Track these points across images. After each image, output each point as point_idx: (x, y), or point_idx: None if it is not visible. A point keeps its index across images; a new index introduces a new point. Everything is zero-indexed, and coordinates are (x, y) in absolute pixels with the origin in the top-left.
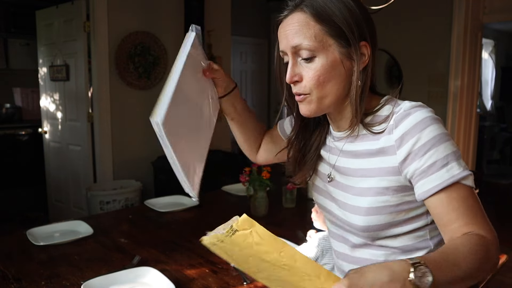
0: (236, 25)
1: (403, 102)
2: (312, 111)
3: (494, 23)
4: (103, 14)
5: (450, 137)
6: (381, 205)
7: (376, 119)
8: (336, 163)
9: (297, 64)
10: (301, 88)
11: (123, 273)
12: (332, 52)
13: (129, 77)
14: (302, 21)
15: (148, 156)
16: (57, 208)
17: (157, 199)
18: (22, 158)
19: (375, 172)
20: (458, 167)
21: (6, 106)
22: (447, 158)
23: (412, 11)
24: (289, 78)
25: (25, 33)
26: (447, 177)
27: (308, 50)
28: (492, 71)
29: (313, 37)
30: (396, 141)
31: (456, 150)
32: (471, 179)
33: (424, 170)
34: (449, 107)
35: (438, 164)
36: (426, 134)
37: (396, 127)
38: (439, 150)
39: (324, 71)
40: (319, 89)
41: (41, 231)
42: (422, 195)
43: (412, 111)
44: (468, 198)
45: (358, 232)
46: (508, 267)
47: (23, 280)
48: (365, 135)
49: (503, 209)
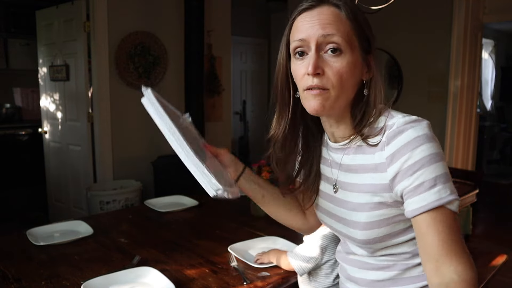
0: (236, 25)
1: (397, 115)
2: (326, 107)
3: (494, 23)
4: (103, 14)
5: (442, 157)
6: (379, 219)
7: (372, 131)
8: (337, 177)
9: (320, 57)
10: (323, 82)
11: (123, 273)
12: (356, 53)
13: (129, 77)
14: (336, 15)
15: (148, 156)
16: (57, 208)
17: (157, 199)
18: (22, 158)
19: (368, 188)
20: (445, 190)
21: (6, 106)
22: (436, 180)
23: (412, 11)
24: (313, 69)
25: (25, 33)
26: (434, 199)
27: (338, 43)
28: (492, 71)
29: (345, 33)
30: (387, 159)
31: (445, 172)
32: (456, 205)
33: (411, 189)
34: (449, 107)
35: (426, 185)
36: (416, 153)
37: (388, 144)
38: (428, 171)
39: (347, 69)
40: (339, 86)
41: (41, 231)
42: (409, 213)
43: (405, 128)
44: (452, 225)
45: (360, 245)
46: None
47: (23, 280)
48: (360, 148)
49: (503, 209)
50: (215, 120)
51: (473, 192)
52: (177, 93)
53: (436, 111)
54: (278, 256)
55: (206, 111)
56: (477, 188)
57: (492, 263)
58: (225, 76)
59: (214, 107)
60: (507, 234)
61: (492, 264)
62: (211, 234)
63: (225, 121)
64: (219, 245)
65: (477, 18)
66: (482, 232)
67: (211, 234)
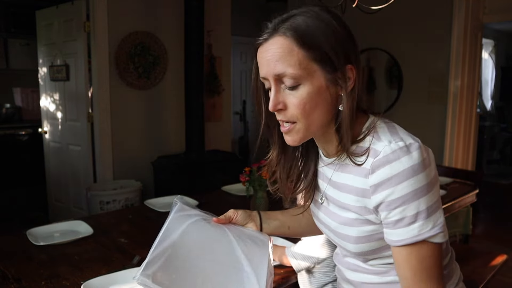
0: (236, 25)
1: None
2: (298, 140)
3: (494, 23)
4: (103, 14)
5: (430, 187)
6: (369, 234)
7: (358, 150)
8: (325, 190)
9: (280, 91)
10: (287, 116)
11: (123, 273)
12: (317, 78)
13: (129, 77)
14: (285, 47)
15: (148, 156)
16: (57, 208)
17: (157, 199)
18: (22, 158)
19: (356, 209)
20: (426, 225)
21: (6, 106)
22: (417, 216)
23: (412, 11)
24: (273, 106)
25: (25, 33)
26: (411, 235)
27: (292, 78)
28: (492, 71)
29: (297, 64)
30: (371, 187)
31: (429, 206)
32: (439, 237)
33: (391, 222)
34: (449, 107)
35: (406, 221)
36: (400, 189)
37: (373, 173)
38: (410, 207)
39: (309, 99)
40: (305, 117)
41: (41, 231)
42: (388, 241)
43: (390, 159)
44: (430, 258)
45: (354, 256)
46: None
47: (23, 280)
48: (347, 166)
49: (503, 209)
50: (215, 120)
51: (473, 192)
52: (177, 93)
53: (436, 111)
54: (280, 253)
55: (206, 111)
56: (477, 188)
57: (492, 263)
58: (225, 76)
59: (214, 107)
60: (507, 234)
61: (492, 264)
62: None
63: (225, 121)
64: None
65: (477, 18)
66: (482, 232)
67: None
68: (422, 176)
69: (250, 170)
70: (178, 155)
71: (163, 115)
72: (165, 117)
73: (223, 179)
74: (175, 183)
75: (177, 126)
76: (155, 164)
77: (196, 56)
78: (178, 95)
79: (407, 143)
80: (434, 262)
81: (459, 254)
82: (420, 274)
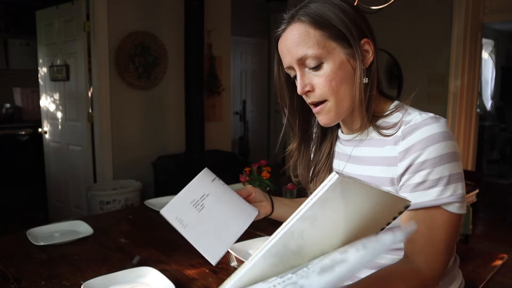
0: (236, 25)
1: (414, 111)
2: (332, 119)
3: (494, 23)
4: (103, 14)
5: (454, 157)
6: None
7: (385, 124)
8: (344, 168)
9: (305, 74)
10: (316, 97)
11: (123, 273)
12: (337, 55)
13: (129, 77)
14: (301, 31)
15: (148, 156)
16: (57, 208)
17: (157, 199)
18: (22, 158)
19: (375, 180)
20: (445, 192)
21: (6, 106)
22: (438, 180)
23: (412, 11)
24: (301, 89)
25: (25, 33)
26: (429, 199)
27: (314, 58)
28: (492, 71)
29: (316, 45)
30: (400, 153)
31: (453, 174)
32: (455, 206)
33: (411, 185)
34: (449, 107)
35: (426, 185)
36: (428, 152)
37: (403, 139)
38: (434, 172)
39: (334, 75)
40: (334, 93)
41: (41, 231)
42: None
43: (421, 125)
44: (440, 227)
45: None
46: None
47: (23, 280)
48: (371, 140)
49: (503, 209)
50: (215, 120)
51: (473, 192)
52: (177, 93)
53: (436, 111)
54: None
55: (206, 111)
56: (477, 188)
57: (492, 263)
58: (225, 76)
59: (214, 107)
60: (507, 234)
61: (492, 264)
62: None
63: (225, 121)
64: None
65: (477, 18)
66: (482, 232)
67: None
68: (450, 144)
69: (250, 170)
70: (178, 155)
71: (163, 115)
72: (165, 117)
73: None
74: (175, 183)
75: (177, 126)
76: (155, 164)
77: (196, 56)
78: (178, 95)
79: (437, 116)
80: (444, 232)
81: (459, 254)
82: (427, 241)
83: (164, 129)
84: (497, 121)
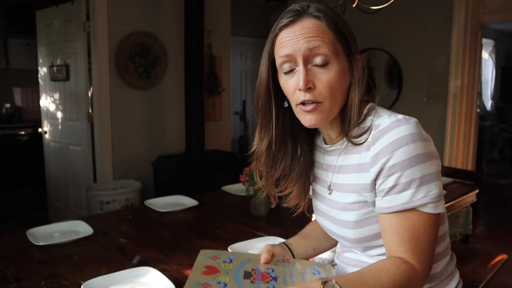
0: (236, 25)
1: (384, 114)
2: (319, 120)
3: (494, 23)
4: (103, 14)
5: (426, 157)
6: (366, 217)
7: (359, 131)
8: (332, 180)
9: (309, 71)
10: (315, 95)
11: (123, 273)
12: (342, 59)
13: (129, 77)
14: (318, 27)
15: (148, 156)
16: (57, 208)
17: (157, 199)
18: (22, 158)
19: (355, 188)
20: (418, 194)
21: (6, 106)
22: (410, 183)
23: (412, 11)
24: (304, 84)
25: (25, 33)
26: (401, 202)
27: (324, 55)
28: (492, 71)
29: (330, 43)
30: (371, 159)
31: (424, 175)
32: (430, 207)
33: (384, 189)
34: (449, 107)
35: (398, 188)
36: (397, 155)
37: (373, 144)
38: (405, 175)
39: (337, 78)
40: (332, 97)
41: (41, 231)
42: (378, 210)
43: (389, 128)
44: (419, 228)
45: (353, 244)
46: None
47: (23, 280)
48: (350, 148)
49: (503, 209)
50: (215, 120)
51: (473, 192)
52: (177, 93)
53: (436, 111)
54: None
55: (206, 111)
56: (477, 188)
57: (492, 263)
58: (225, 76)
59: (214, 107)
60: (507, 234)
61: (492, 264)
62: (211, 234)
63: (225, 121)
64: (219, 245)
65: (477, 18)
66: (482, 232)
67: (211, 234)
68: (420, 145)
69: (250, 170)
70: (178, 155)
71: (163, 115)
72: (165, 117)
73: (223, 179)
74: (175, 183)
75: (177, 126)
76: (155, 164)
77: (196, 56)
78: (178, 95)
79: (406, 117)
80: (424, 233)
81: (459, 254)
82: (408, 243)
83: (164, 129)
84: (497, 121)
